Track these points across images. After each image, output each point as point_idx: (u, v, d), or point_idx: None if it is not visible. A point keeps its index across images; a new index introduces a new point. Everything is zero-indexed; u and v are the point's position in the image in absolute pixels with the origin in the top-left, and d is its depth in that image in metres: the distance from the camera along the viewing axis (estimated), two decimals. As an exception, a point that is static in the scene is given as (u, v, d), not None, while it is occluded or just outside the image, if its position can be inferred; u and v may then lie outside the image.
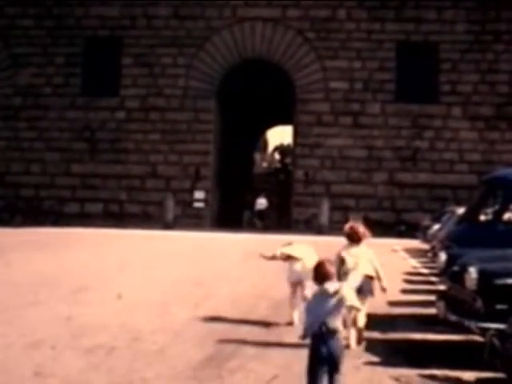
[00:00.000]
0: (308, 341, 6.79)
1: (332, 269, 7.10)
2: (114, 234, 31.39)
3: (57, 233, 31.70)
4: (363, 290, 9.93)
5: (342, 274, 9.69)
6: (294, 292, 11.83)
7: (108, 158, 40.65)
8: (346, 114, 40.12)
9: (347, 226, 10.55)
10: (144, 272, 18.46)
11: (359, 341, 10.10)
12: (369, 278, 10.21)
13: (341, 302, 6.76)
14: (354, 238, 10.30)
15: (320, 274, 6.96)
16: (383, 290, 10.40)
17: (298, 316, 11.08)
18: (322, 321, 6.67)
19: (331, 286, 6.87)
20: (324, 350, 6.63)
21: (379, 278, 10.34)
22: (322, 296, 6.81)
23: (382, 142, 39.76)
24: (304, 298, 10.26)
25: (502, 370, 7.52)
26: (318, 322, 6.67)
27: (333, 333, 6.67)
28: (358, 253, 10.15)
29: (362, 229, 10.39)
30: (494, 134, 39.50)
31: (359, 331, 10.11)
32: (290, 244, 12.12)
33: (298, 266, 11.67)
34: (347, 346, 9.12)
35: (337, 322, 6.74)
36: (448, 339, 10.46)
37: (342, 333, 7.00)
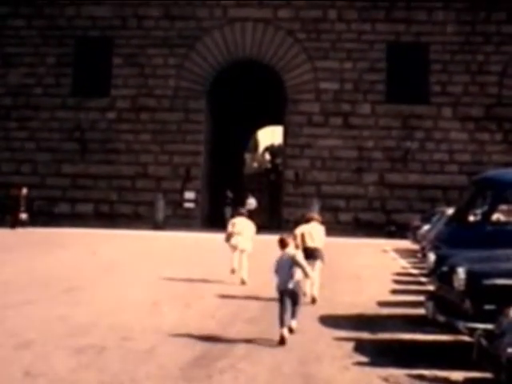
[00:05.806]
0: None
1: (290, 240, 10.84)
2: (104, 234, 31.38)
3: (47, 233, 31.65)
4: (315, 256, 13.87)
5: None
6: (233, 252, 16.80)
7: (99, 159, 40.63)
8: (336, 114, 40.21)
9: (304, 215, 15.98)
10: (134, 272, 18.49)
11: (313, 300, 13.58)
12: (318, 249, 14.07)
13: (295, 261, 10.37)
14: (308, 220, 14.63)
15: (282, 243, 10.68)
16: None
17: (236, 264, 16.61)
18: (287, 279, 10.28)
19: (290, 251, 10.61)
20: (289, 294, 10.30)
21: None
22: (284, 258, 10.49)
23: (372, 142, 39.85)
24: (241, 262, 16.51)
25: (490, 370, 7.57)
26: (284, 280, 10.30)
27: (295, 283, 10.37)
28: (309, 228, 14.30)
29: (313, 215, 15.23)
30: (483, 135, 39.63)
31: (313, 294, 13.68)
32: (234, 222, 16.99)
33: (237, 237, 16.65)
34: (304, 295, 12.57)
35: (297, 275, 10.39)
36: (437, 339, 10.52)
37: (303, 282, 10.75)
